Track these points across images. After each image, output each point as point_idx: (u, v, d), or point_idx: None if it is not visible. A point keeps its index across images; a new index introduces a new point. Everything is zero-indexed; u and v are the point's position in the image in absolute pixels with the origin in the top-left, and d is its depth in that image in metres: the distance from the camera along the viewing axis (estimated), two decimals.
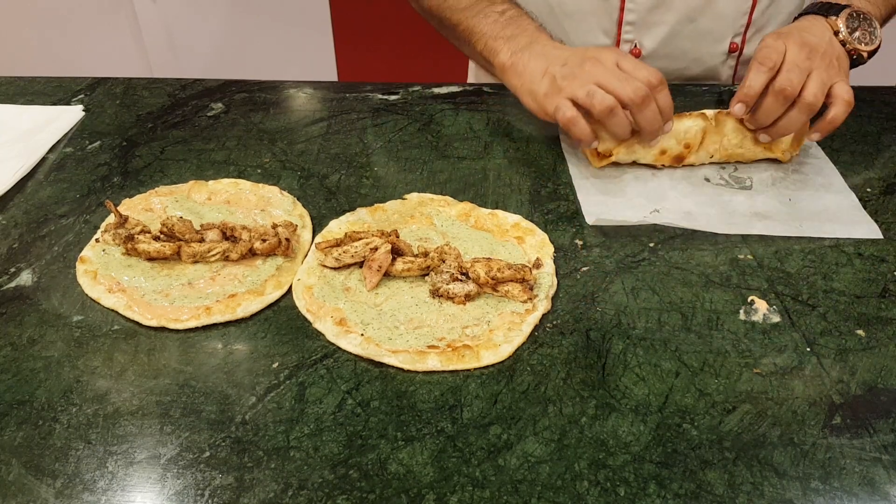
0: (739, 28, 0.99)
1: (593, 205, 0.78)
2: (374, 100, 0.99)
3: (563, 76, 0.80)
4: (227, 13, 2.20)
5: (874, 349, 0.61)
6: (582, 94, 0.78)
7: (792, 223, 0.75)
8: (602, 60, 0.79)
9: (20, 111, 0.97)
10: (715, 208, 0.78)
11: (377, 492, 0.51)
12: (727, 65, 1.03)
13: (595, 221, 0.76)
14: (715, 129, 0.82)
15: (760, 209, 0.78)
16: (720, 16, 0.97)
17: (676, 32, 0.98)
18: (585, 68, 0.79)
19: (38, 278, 0.70)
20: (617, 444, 0.54)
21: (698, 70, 1.03)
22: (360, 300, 0.67)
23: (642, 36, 0.98)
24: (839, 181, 0.82)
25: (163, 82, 1.04)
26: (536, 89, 0.83)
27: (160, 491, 0.51)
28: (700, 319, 0.64)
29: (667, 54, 1.00)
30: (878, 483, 0.51)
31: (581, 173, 0.83)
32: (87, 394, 0.58)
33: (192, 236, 0.71)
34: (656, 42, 0.99)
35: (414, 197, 0.80)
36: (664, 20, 0.97)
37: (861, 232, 0.74)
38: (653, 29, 0.98)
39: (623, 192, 0.81)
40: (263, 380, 0.59)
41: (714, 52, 1.00)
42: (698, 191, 0.81)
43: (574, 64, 0.80)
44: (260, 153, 0.88)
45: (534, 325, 0.64)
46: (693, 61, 1.01)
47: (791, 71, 0.77)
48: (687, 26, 0.97)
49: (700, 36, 0.98)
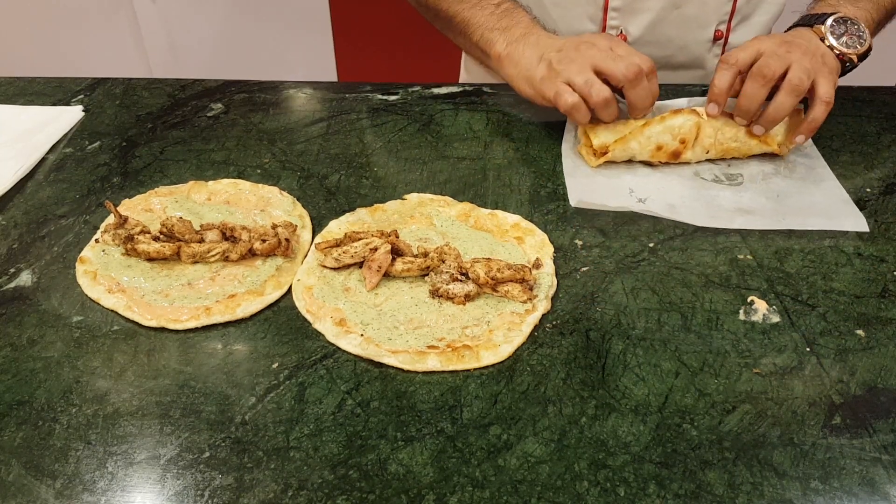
0: (724, 15, 1.00)
1: (579, 187, 0.80)
2: (374, 100, 0.99)
3: (558, 60, 0.82)
4: (227, 13, 2.20)
5: (874, 349, 0.61)
6: (580, 82, 0.80)
7: (775, 217, 0.76)
8: (597, 44, 0.82)
9: (20, 111, 0.97)
10: (700, 202, 0.79)
11: (377, 492, 0.51)
12: (713, 53, 1.04)
13: (577, 203, 0.78)
14: (708, 122, 0.83)
15: (746, 205, 0.78)
16: (705, 2, 0.98)
17: (661, 18, 0.99)
18: (581, 50, 0.82)
19: (37, 279, 0.70)
20: (617, 444, 0.54)
21: (684, 58, 1.04)
22: (360, 300, 0.67)
23: (628, 22, 0.99)
24: (830, 176, 0.82)
25: (162, 83, 1.04)
26: (533, 75, 0.85)
27: (160, 491, 0.51)
28: (700, 320, 0.64)
29: (653, 41, 1.01)
30: (877, 483, 0.51)
31: (573, 162, 0.85)
32: (87, 394, 0.58)
33: (192, 237, 0.71)
34: (642, 28, 1.00)
35: (414, 197, 0.80)
36: (649, 6, 0.98)
37: (848, 224, 0.75)
38: (638, 15, 0.99)
39: (612, 180, 0.82)
40: (263, 380, 0.59)
41: (699, 39, 1.02)
42: (687, 185, 0.82)
43: (570, 48, 0.83)
44: (259, 153, 0.88)
45: (533, 325, 0.64)
46: (679, 49, 1.02)
47: (770, 57, 0.79)
48: (672, 12, 0.98)
49: (685, 22, 1.00)
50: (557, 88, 0.81)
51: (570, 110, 0.82)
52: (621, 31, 1.00)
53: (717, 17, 1.00)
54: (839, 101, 0.96)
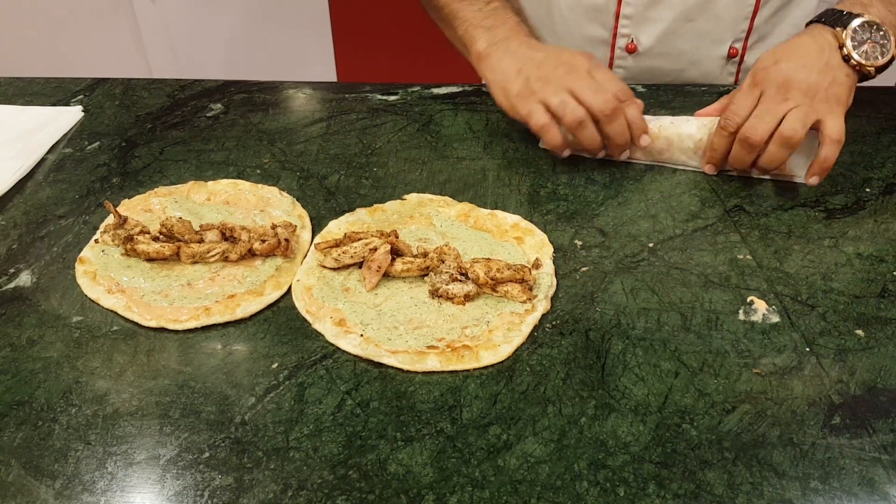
0: (740, 33, 0.98)
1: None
2: (374, 100, 0.99)
3: (536, 78, 0.81)
4: (227, 14, 2.20)
5: (873, 349, 0.61)
6: (555, 102, 0.79)
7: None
8: (576, 66, 0.81)
9: (19, 111, 0.97)
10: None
11: (377, 492, 0.51)
12: (727, 70, 1.02)
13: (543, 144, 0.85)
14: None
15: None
16: (719, 17, 0.96)
17: (673, 30, 0.98)
18: (559, 73, 0.81)
19: (37, 279, 0.70)
20: (616, 444, 0.54)
21: (696, 73, 1.02)
22: (360, 301, 0.67)
23: (639, 31, 0.99)
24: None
25: (162, 83, 1.04)
26: (509, 87, 0.84)
27: (160, 492, 0.51)
28: (699, 320, 0.64)
29: (664, 53, 1.00)
30: (877, 483, 0.51)
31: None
32: (87, 394, 0.58)
33: (192, 237, 0.71)
34: (653, 39, 0.99)
35: (413, 197, 0.80)
36: (661, 17, 0.97)
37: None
38: (650, 25, 0.98)
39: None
40: (263, 380, 0.59)
41: (712, 55, 1.00)
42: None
43: (548, 67, 0.81)
44: (259, 154, 0.88)
45: (533, 325, 0.64)
46: (691, 63, 1.01)
47: (759, 117, 0.77)
48: (684, 25, 0.97)
49: (698, 37, 0.98)
50: (531, 108, 0.81)
51: (541, 130, 0.81)
52: (632, 40, 0.99)
53: (733, 34, 0.98)
54: None
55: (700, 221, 0.76)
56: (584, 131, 0.80)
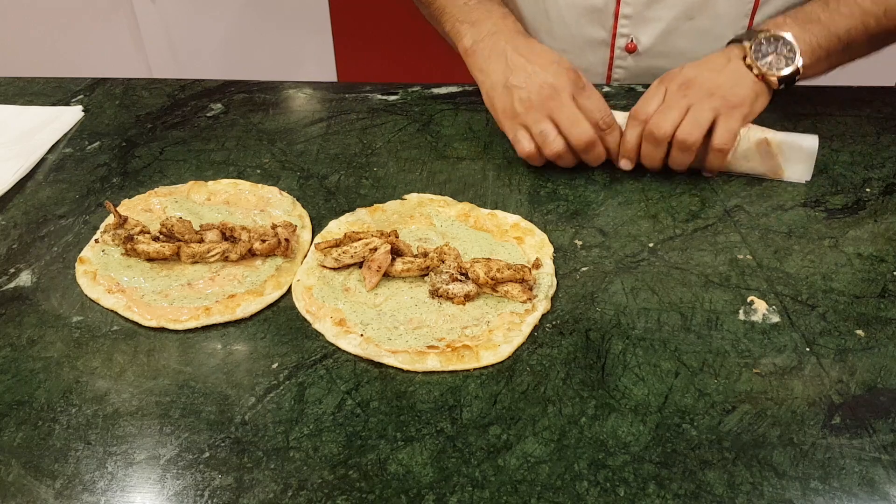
0: (741, 30, 0.98)
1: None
2: (374, 100, 0.99)
3: (520, 99, 0.81)
4: (227, 13, 2.20)
5: (873, 349, 0.61)
6: (536, 131, 0.81)
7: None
8: (559, 91, 0.80)
9: (19, 111, 0.97)
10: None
11: (377, 492, 0.51)
12: None
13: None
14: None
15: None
16: (719, 15, 0.96)
17: (673, 29, 0.98)
18: (542, 97, 0.81)
19: (37, 279, 0.70)
20: (616, 444, 0.54)
21: None
22: (360, 300, 0.67)
23: (638, 31, 0.98)
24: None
25: (162, 83, 1.04)
26: (495, 101, 0.85)
27: (160, 491, 0.51)
28: (699, 319, 0.64)
29: (664, 52, 1.00)
30: (877, 483, 0.51)
31: None
32: (87, 394, 0.58)
33: (192, 237, 0.71)
34: (653, 38, 0.99)
35: (413, 197, 0.80)
36: (660, 16, 0.97)
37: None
38: (649, 24, 0.98)
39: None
40: (263, 380, 0.59)
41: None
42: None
43: (532, 88, 0.81)
44: (259, 153, 0.88)
45: (533, 325, 0.64)
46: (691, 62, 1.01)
47: (663, 113, 0.79)
48: (684, 24, 0.97)
49: (698, 35, 0.98)
50: (516, 134, 0.82)
51: (526, 158, 0.83)
52: (631, 40, 0.99)
53: (733, 32, 0.96)
54: (839, 100, 0.96)
55: (700, 221, 0.76)
56: (562, 160, 0.83)
